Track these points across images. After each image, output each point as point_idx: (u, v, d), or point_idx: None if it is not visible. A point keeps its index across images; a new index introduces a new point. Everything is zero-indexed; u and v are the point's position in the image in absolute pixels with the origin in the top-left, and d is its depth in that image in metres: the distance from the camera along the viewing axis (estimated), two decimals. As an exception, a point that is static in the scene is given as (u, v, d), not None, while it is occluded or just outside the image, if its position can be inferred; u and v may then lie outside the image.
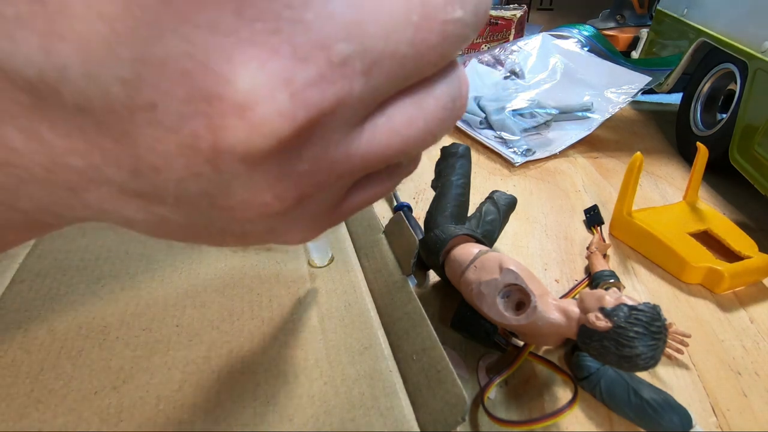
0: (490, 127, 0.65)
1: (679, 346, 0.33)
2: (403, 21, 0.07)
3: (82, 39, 0.06)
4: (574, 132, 0.65)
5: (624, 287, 0.37)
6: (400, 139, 0.09)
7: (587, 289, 0.29)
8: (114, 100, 0.06)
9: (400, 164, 0.11)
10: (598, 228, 0.45)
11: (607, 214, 0.47)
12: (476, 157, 0.60)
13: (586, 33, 0.82)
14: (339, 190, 0.09)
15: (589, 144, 0.65)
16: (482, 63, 0.78)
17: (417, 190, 0.51)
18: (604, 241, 0.43)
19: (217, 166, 0.07)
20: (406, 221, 0.32)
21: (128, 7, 0.06)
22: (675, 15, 0.69)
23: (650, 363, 0.23)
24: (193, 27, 0.06)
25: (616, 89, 0.69)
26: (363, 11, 0.07)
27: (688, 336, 0.33)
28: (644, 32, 0.84)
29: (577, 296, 0.27)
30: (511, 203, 0.39)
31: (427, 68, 0.08)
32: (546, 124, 0.66)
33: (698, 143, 0.45)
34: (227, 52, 0.06)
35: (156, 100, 0.07)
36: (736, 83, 0.56)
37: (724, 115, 0.58)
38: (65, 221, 0.09)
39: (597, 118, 0.66)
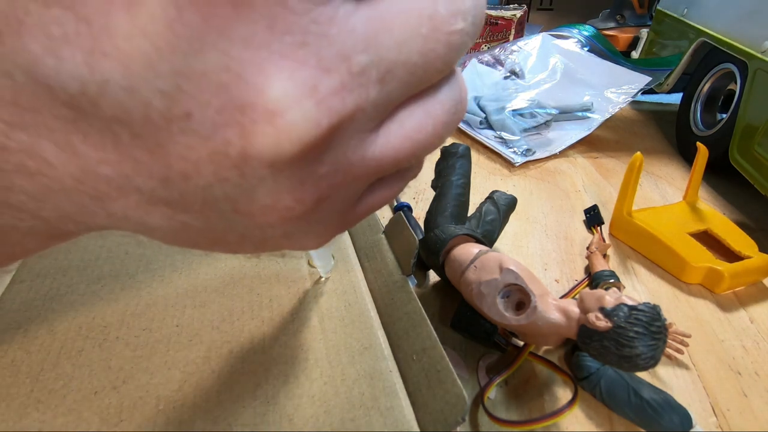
0: (490, 127, 0.65)
1: (679, 346, 0.33)
2: (414, 33, 0.08)
3: (125, 56, 0.06)
4: (574, 132, 0.65)
5: (624, 287, 0.37)
6: (411, 143, 0.09)
7: (587, 289, 0.29)
8: (152, 111, 0.07)
9: (409, 167, 0.11)
10: (598, 228, 0.45)
11: (607, 214, 0.47)
12: (476, 157, 0.60)
13: (586, 33, 0.82)
14: (354, 193, 0.10)
15: (589, 144, 0.65)
16: (482, 63, 0.78)
17: (417, 190, 0.51)
18: (604, 241, 0.43)
19: (244, 172, 0.08)
20: (406, 221, 0.32)
21: (171, 25, 0.06)
22: (675, 15, 0.69)
23: (650, 363, 0.23)
24: (230, 42, 0.07)
25: (616, 89, 0.69)
26: (379, 25, 0.08)
27: (688, 336, 0.33)
28: (644, 32, 0.84)
29: (577, 296, 0.27)
30: (511, 203, 0.39)
31: (434, 75, 0.09)
32: (546, 124, 0.66)
33: (698, 143, 0.45)
34: (260, 64, 0.07)
35: (192, 110, 0.07)
36: (736, 83, 0.56)
37: (724, 115, 0.58)
38: (85, 229, 0.09)
39: (597, 118, 0.66)
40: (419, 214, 0.46)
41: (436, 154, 0.39)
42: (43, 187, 0.08)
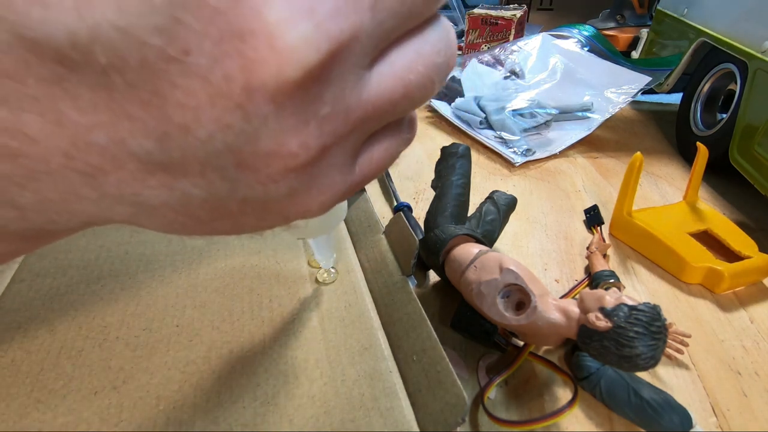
0: (490, 127, 0.65)
1: (679, 346, 0.32)
2: None
3: None
4: (574, 132, 0.65)
5: (624, 287, 0.37)
6: (403, 83, 0.09)
7: (587, 289, 0.29)
8: (148, 52, 0.06)
9: (401, 122, 0.11)
10: (598, 228, 0.45)
11: (607, 214, 0.47)
12: (476, 157, 0.60)
13: (586, 33, 0.82)
14: (353, 144, 0.10)
15: (589, 144, 0.65)
16: (482, 63, 0.78)
17: (417, 190, 0.51)
18: (604, 241, 0.43)
19: (247, 112, 0.07)
20: (406, 221, 0.32)
21: None
22: (675, 15, 0.69)
23: (650, 363, 0.23)
24: None
25: (616, 89, 0.69)
26: None
27: (688, 336, 0.33)
28: (644, 32, 0.84)
29: (577, 296, 0.27)
30: (511, 203, 0.39)
31: (422, 8, 0.09)
32: (546, 124, 0.66)
33: (698, 143, 0.45)
34: None
35: (190, 45, 0.07)
36: (736, 83, 0.56)
37: (724, 115, 0.58)
38: (66, 223, 0.08)
39: (597, 118, 0.66)
40: (419, 214, 0.46)
41: (436, 154, 0.39)
42: (24, 169, 0.07)
